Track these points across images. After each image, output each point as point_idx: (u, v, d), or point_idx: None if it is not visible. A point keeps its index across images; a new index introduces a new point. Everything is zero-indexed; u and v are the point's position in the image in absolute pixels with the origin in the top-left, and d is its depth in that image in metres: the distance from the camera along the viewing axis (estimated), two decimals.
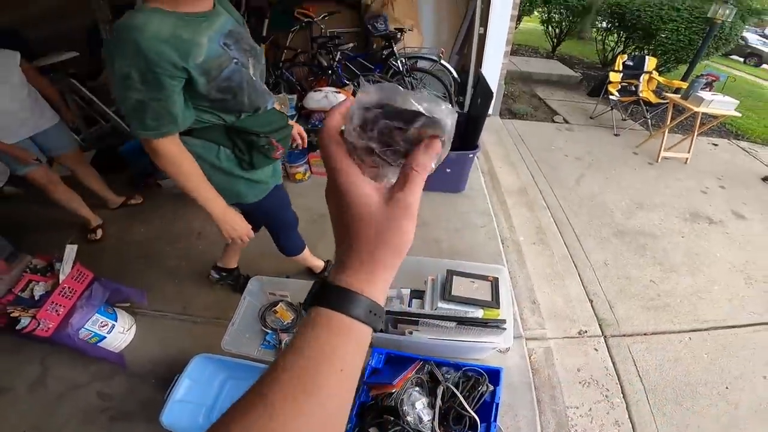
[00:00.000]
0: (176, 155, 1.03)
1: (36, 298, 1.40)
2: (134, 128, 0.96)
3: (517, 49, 7.60)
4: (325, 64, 3.49)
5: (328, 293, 0.33)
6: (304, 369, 0.30)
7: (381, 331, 1.42)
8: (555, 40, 7.55)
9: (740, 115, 3.79)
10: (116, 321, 1.59)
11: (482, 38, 3.65)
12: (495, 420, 1.22)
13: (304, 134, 1.55)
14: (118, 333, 1.59)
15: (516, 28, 7.11)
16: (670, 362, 1.90)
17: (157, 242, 2.26)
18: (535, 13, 7.81)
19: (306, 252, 1.79)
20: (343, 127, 0.33)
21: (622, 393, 1.76)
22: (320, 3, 3.96)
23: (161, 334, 1.74)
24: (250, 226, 1.28)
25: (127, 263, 2.11)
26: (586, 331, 2.01)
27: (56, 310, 1.38)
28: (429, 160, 0.32)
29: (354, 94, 2.87)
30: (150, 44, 0.84)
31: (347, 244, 0.34)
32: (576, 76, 6.22)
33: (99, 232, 2.26)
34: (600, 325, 2.04)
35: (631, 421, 1.65)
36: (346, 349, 0.32)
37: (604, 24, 6.74)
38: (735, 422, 1.69)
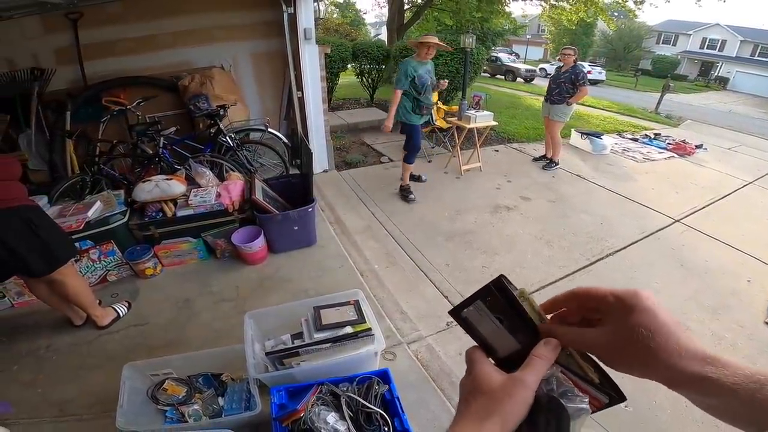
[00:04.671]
0: (395, 96, 3.53)
1: None
2: (395, 85, 3.53)
3: (342, 103, 8.13)
4: (150, 152, 3.33)
5: None
6: None
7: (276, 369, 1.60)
8: (370, 89, 8.26)
9: (497, 123, 4.93)
10: None
11: (302, 101, 3.97)
12: (403, 412, 1.44)
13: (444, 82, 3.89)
14: None
15: (337, 83, 7.94)
16: None
17: None
18: (349, 67, 8.78)
19: (411, 168, 3.97)
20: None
21: None
22: (132, 88, 3.80)
23: None
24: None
25: None
26: (452, 321, 2.41)
27: None
28: (550, 353, 0.39)
29: (186, 177, 2.84)
30: (407, 66, 3.46)
31: (462, 413, 0.39)
32: None
33: None
34: None
35: None
36: None
37: None
38: None
